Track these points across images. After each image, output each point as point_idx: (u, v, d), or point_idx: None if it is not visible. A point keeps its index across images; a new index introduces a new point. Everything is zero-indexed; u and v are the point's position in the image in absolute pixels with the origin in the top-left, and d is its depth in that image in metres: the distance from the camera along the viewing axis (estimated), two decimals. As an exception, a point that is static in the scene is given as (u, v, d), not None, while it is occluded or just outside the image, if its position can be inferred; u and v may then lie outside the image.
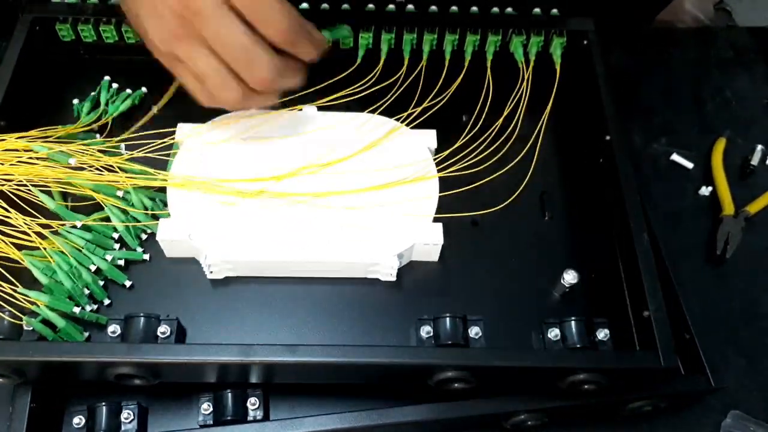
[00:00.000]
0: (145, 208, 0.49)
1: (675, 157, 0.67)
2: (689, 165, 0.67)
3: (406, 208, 0.50)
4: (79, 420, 0.46)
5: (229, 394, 0.47)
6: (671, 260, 0.54)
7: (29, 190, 0.48)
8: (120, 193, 0.49)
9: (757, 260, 0.61)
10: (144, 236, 0.50)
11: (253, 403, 0.47)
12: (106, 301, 0.47)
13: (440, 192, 0.50)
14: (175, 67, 0.46)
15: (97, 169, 0.49)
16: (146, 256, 0.49)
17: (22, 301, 0.44)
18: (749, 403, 0.54)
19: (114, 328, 0.44)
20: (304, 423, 0.45)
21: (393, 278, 0.49)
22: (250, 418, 0.47)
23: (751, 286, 0.60)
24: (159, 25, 0.44)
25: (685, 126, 0.70)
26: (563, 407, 0.48)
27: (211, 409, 0.46)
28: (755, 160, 0.66)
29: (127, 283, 0.48)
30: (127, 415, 0.46)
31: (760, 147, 0.67)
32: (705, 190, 0.65)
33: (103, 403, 0.46)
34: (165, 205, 0.49)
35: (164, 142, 0.51)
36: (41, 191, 0.48)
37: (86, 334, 0.46)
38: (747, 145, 0.68)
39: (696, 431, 0.53)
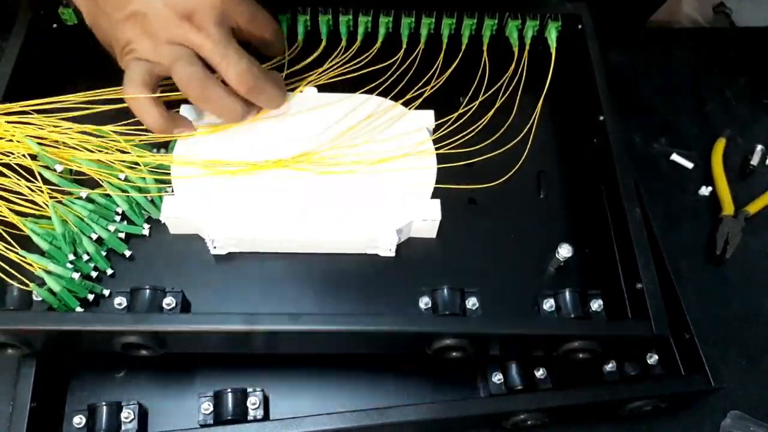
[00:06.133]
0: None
1: (675, 157, 0.67)
2: (689, 165, 0.67)
3: (405, 185, 0.51)
4: (79, 419, 0.46)
5: (230, 394, 0.47)
6: (671, 260, 0.53)
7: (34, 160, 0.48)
8: (122, 176, 0.49)
9: (757, 260, 0.61)
10: (147, 215, 0.50)
11: (253, 402, 0.47)
12: (109, 271, 0.48)
13: (438, 170, 0.51)
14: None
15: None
16: (146, 231, 0.49)
17: (28, 270, 0.45)
18: (749, 403, 0.54)
19: (120, 300, 0.45)
20: (304, 423, 0.45)
21: (392, 254, 0.50)
22: (250, 418, 0.47)
23: (751, 286, 0.60)
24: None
25: (685, 126, 0.70)
26: (563, 407, 0.48)
27: (212, 408, 0.46)
28: (755, 160, 0.66)
29: (127, 253, 0.49)
30: (127, 414, 0.46)
31: (759, 147, 0.67)
32: (705, 190, 0.65)
33: (104, 403, 0.46)
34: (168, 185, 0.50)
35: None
36: (43, 166, 0.48)
37: (91, 296, 0.46)
38: (747, 145, 0.68)
39: (696, 431, 0.53)
